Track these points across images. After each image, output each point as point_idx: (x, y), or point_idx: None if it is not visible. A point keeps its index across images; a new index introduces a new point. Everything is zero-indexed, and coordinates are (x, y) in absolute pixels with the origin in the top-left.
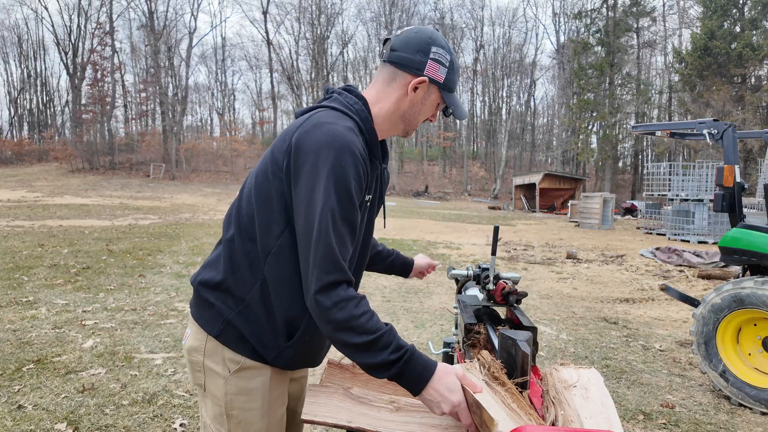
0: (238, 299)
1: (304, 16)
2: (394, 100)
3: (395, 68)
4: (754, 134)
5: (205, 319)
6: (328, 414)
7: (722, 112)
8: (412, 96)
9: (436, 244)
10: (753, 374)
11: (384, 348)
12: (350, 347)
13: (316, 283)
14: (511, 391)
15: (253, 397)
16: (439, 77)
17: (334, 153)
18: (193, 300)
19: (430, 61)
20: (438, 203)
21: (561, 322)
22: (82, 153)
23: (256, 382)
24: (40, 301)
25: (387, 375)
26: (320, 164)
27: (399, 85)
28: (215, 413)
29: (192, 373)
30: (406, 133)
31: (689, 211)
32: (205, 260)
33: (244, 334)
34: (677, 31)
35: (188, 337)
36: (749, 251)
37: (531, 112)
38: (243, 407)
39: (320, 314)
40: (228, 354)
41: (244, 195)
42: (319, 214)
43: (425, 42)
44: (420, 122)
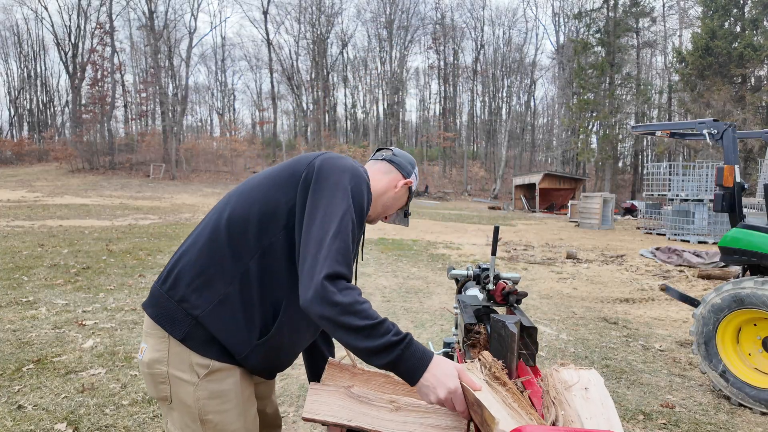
0: (214, 292)
1: (304, 16)
2: (383, 186)
3: (392, 166)
4: (754, 134)
5: (169, 319)
6: (328, 413)
7: (722, 112)
8: (395, 192)
9: (436, 244)
10: (753, 374)
11: (386, 332)
12: (354, 331)
13: (327, 269)
14: (512, 391)
15: (226, 398)
16: (413, 185)
17: (357, 179)
18: (154, 301)
19: (413, 174)
20: (438, 203)
21: (561, 322)
22: (82, 153)
23: (227, 384)
24: (40, 301)
25: (388, 359)
26: (345, 182)
27: (391, 179)
28: (185, 422)
29: (154, 387)
30: (374, 218)
31: (689, 211)
32: (173, 259)
33: (214, 333)
34: (677, 31)
35: (145, 350)
36: (749, 251)
37: (531, 112)
38: (217, 410)
39: (325, 297)
40: (195, 359)
41: (240, 197)
42: (340, 216)
43: (413, 161)
44: (388, 215)
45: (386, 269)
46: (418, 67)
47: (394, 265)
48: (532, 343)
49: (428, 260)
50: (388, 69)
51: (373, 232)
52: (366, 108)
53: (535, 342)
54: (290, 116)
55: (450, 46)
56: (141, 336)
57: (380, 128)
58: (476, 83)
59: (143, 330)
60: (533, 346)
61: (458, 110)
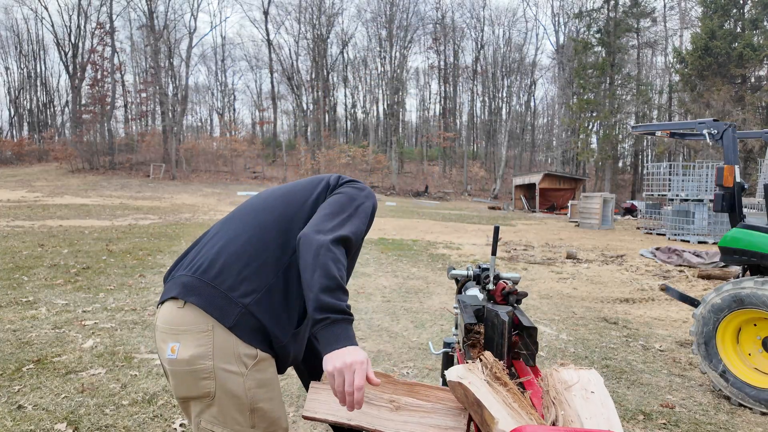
0: (262, 282)
1: (304, 16)
2: None
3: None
4: (754, 134)
5: (218, 307)
6: (328, 411)
7: (722, 112)
8: None
9: (436, 244)
10: (753, 374)
11: (343, 300)
12: (326, 274)
13: (337, 233)
14: (513, 391)
15: (271, 387)
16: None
17: (373, 198)
18: (195, 291)
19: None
20: (438, 203)
21: (561, 322)
22: (82, 153)
23: (270, 372)
24: (40, 301)
25: (328, 319)
26: (364, 192)
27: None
28: (231, 415)
29: (194, 384)
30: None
31: (689, 211)
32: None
33: (262, 320)
34: (678, 32)
35: (179, 349)
36: (749, 251)
37: (531, 112)
38: (266, 398)
39: (323, 242)
40: (242, 349)
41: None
42: (360, 206)
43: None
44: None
45: (386, 269)
46: (418, 67)
47: (394, 265)
48: (532, 343)
49: (428, 260)
50: (388, 69)
51: (372, 232)
52: (366, 108)
53: (535, 342)
54: (290, 116)
55: (450, 46)
56: (141, 336)
57: (380, 128)
58: (476, 83)
59: (168, 328)
60: (533, 346)
61: (458, 110)
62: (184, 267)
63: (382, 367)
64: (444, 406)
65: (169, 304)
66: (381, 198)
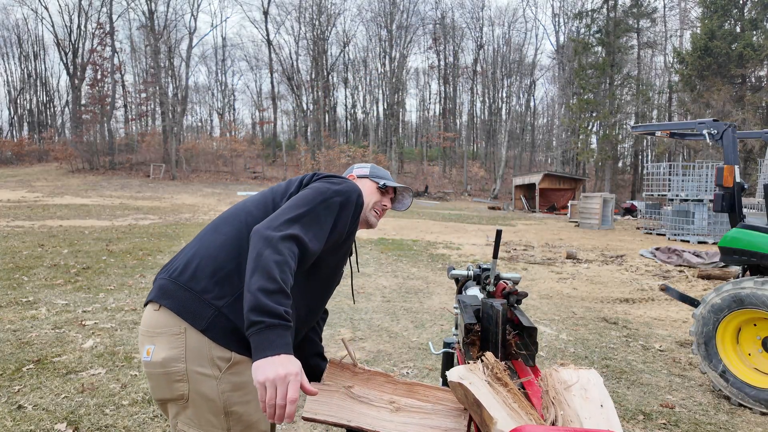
0: (235, 286)
1: (304, 16)
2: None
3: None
4: (754, 134)
5: (190, 310)
6: (328, 413)
7: (722, 113)
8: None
9: (436, 244)
10: (753, 374)
11: (282, 304)
12: (266, 275)
13: (286, 231)
14: (513, 391)
15: (247, 390)
16: (364, 172)
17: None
18: (168, 293)
19: (355, 169)
20: (438, 203)
21: (561, 322)
22: (82, 153)
23: (247, 376)
24: (40, 301)
25: (263, 323)
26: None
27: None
28: (206, 418)
29: (167, 386)
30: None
31: (689, 211)
32: (186, 255)
33: (237, 324)
34: (678, 32)
35: (153, 351)
36: (749, 251)
37: (531, 113)
38: (241, 401)
39: (269, 240)
40: (216, 352)
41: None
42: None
43: (351, 166)
44: (370, 206)
45: (386, 269)
46: (417, 67)
47: (394, 265)
48: (532, 343)
49: (428, 260)
50: (388, 69)
51: (373, 232)
52: (366, 108)
53: (534, 342)
54: (290, 116)
55: (450, 46)
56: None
57: (380, 128)
58: (476, 83)
59: (145, 330)
60: (533, 347)
61: (458, 110)
62: (164, 270)
63: (382, 367)
64: (444, 407)
65: (149, 307)
66: None
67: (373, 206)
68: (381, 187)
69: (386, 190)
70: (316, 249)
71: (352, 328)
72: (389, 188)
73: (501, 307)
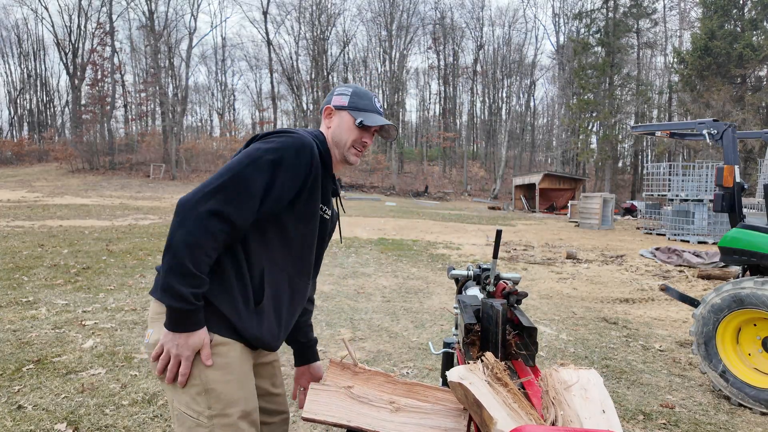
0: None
1: (304, 16)
2: (324, 130)
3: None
4: (754, 134)
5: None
6: (328, 413)
7: (722, 113)
8: (329, 122)
9: (436, 244)
10: (753, 374)
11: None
12: (174, 255)
13: (207, 205)
14: (513, 391)
15: (228, 370)
16: (343, 102)
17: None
18: (157, 285)
19: (334, 97)
20: (438, 203)
21: (561, 322)
22: (82, 153)
23: (229, 357)
24: (40, 301)
25: (171, 307)
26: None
27: (323, 118)
28: (191, 395)
29: (152, 367)
30: (343, 156)
31: (689, 211)
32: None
33: (215, 304)
34: (677, 32)
35: (151, 334)
36: (749, 251)
37: (531, 113)
38: (221, 380)
39: (189, 217)
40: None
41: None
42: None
43: (333, 89)
44: (348, 144)
45: (386, 269)
46: (417, 67)
47: (394, 265)
48: (532, 343)
49: (428, 260)
50: (388, 69)
51: (372, 232)
52: None
53: (534, 342)
54: (290, 116)
55: (450, 47)
56: (141, 336)
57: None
58: (476, 83)
59: (148, 318)
60: (533, 347)
61: (458, 110)
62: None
63: (382, 367)
64: (444, 408)
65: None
66: (381, 198)
67: (351, 144)
68: (359, 125)
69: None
70: (246, 218)
71: (352, 328)
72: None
73: (501, 307)
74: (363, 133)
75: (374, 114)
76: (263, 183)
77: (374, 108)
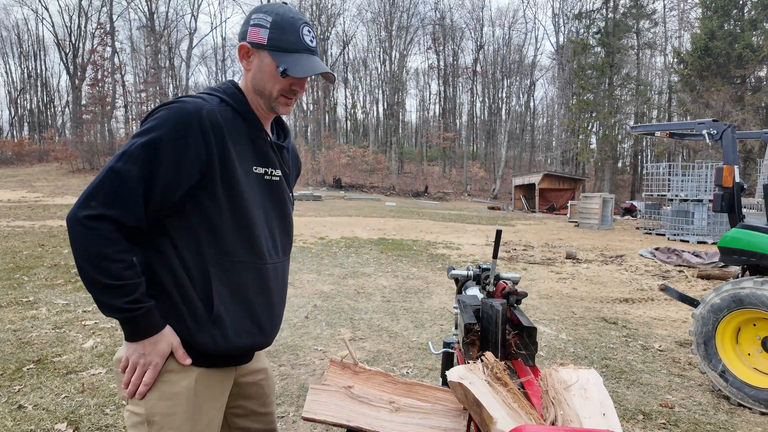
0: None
1: (304, 16)
2: (244, 76)
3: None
4: (754, 134)
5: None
6: (328, 413)
7: (722, 113)
8: (247, 65)
9: (435, 244)
10: (752, 374)
11: (118, 298)
12: (83, 275)
13: (88, 211)
14: (513, 391)
15: (176, 401)
16: (261, 39)
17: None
18: None
19: (250, 28)
20: (438, 203)
21: (560, 322)
22: (83, 153)
23: (179, 387)
24: (40, 301)
25: (121, 318)
26: (149, 124)
27: (240, 59)
28: (135, 421)
29: (118, 385)
30: (269, 106)
31: (688, 211)
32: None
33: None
34: (677, 32)
35: (118, 351)
36: (748, 251)
37: (530, 113)
38: (165, 412)
39: (77, 230)
40: None
41: None
42: (113, 163)
43: (249, 13)
44: (275, 94)
45: (386, 269)
46: (417, 67)
47: (394, 265)
48: (532, 343)
49: (428, 260)
50: (388, 69)
51: (373, 232)
52: (366, 108)
53: (534, 342)
54: (290, 116)
55: (450, 47)
56: None
57: (380, 128)
58: (476, 83)
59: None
60: (533, 347)
61: (458, 110)
62: None
63: (382, 367)
64: (443, 407)
65: None
66: (381, 198)
67: (277, 95)
68: (281, 74)
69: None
70: (138, 216)
71: (352, 328)
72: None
73: (501, 307)
74: (291, 80)
75: (304, 55)
76: (140, 174)
77: (303, 45)
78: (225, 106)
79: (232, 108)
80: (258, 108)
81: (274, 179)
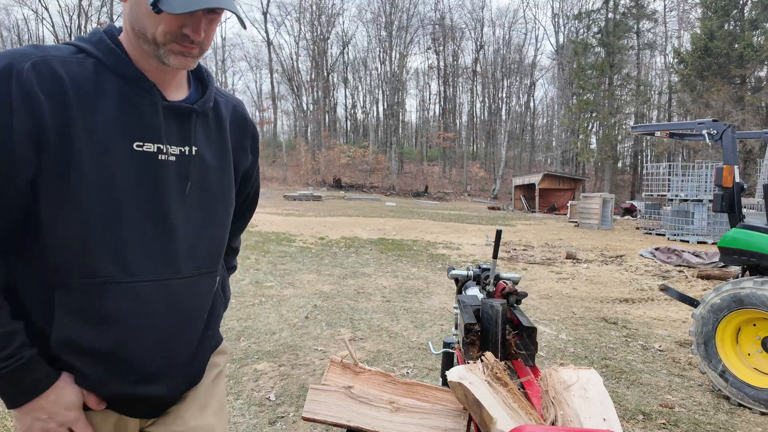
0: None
1: (305, 17)
2: (123, 15)
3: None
4: (754, 135)
5: None
6: (328, 413)
7: (722, 113)
8: (125, 4)
9: (435, 244)
10: (752, 374)
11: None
12: None
13: None
14: (513, 391)
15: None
16: None
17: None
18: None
19: None
20: (438, 203)
21: (560, 322)
22: None
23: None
24: None
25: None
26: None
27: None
28: None
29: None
30: (156, 56)
31: (688, 211)
32: None
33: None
34: (677, 32)
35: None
36: (748, 251)
37: (530, 113)
38: None
39: None
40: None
41: None
42: None
43: None
44: (159, 36)
45: (386, 269)
46: (417, 67)
47: (394, 265)
48: (532, 343)
49: (428, 260)
50: (388, 69)
51: (373, 232)
52: (366, 108)
53: (534, 342)
54: (290, 116)
55: (450, 47)
56: None
57: (380, 128)
58: (476, 84)
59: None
60: (533, 347)
61: (458, 111)
62: None
63: (382, 367)
64: (443, 408)
65: None
66: (381, 198)
67: (165, 40)
68: (153, 8)
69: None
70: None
71: (352, 328)
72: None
73: (501, 307)
74: (179, 19)
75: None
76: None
77: None
78: (82, 57)
79: (96, 60)
80: (144, 59)
81: (169, 160)
